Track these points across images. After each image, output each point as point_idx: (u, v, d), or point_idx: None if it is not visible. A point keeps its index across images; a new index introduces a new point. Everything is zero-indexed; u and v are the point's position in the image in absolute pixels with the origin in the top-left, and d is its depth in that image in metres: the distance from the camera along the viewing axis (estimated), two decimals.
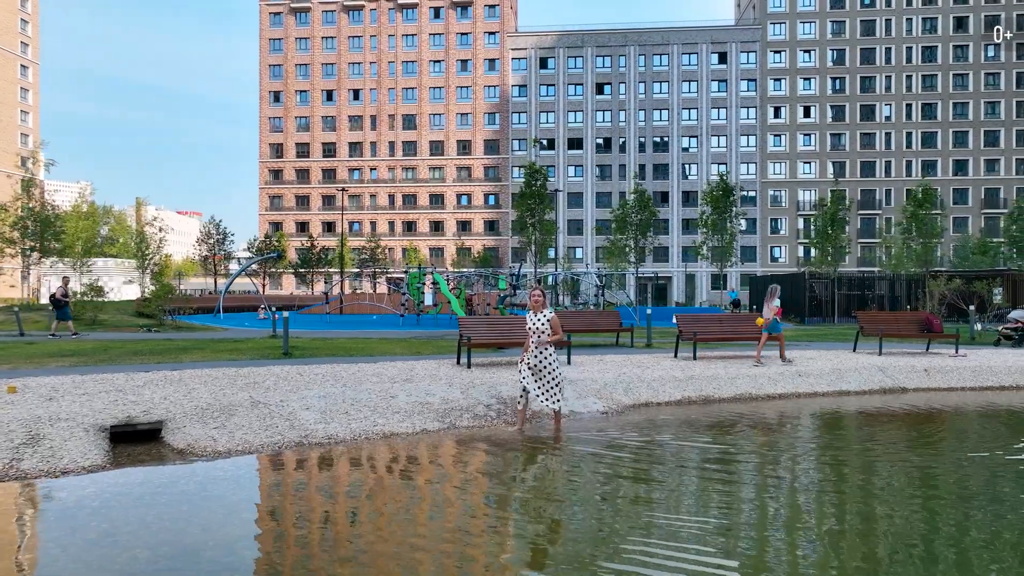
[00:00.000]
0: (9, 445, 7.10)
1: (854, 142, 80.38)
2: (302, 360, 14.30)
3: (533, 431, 8.97)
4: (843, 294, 36.04)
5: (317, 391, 9.89)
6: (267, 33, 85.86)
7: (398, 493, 6.45)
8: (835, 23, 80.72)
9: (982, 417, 10.59)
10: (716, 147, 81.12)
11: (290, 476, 7.02)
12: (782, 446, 8.56)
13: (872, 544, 5.04)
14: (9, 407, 8.41)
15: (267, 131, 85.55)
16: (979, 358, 15.06)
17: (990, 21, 79.63)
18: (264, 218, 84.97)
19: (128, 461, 7.38)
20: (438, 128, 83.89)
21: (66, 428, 7.65)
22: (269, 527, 5.51)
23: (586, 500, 6.18)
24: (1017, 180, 78.96)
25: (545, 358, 8.77)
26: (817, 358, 14.94)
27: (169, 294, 27.57)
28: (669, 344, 18.63)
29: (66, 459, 6.99)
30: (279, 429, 8.33)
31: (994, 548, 5.01)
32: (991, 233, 76.33)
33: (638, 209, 45.16)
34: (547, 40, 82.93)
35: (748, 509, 5.94)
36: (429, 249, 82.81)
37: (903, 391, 12.56)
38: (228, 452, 7.66)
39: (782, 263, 79.70)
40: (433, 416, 9.21)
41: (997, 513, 5.77)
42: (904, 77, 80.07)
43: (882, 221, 79.21)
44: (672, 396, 11.15)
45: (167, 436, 8.13)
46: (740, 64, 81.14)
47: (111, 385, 10.26)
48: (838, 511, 5.91)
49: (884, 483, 6.79)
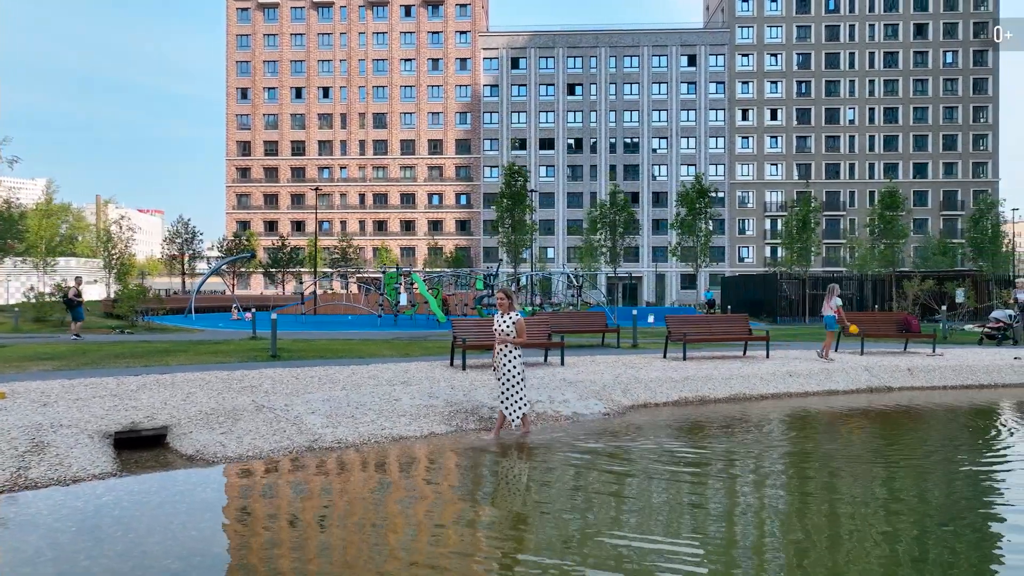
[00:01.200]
0: (14, 453, 6.90)
1: (819, 145, 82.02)
2: (292, 362, 14.14)
3: (539, 434, 8.99)
4: (813, 294, 36.78)
5: (319, 395, 9.80)
6: (234, 29, 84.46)
7: (424, 499, 6.43)
8: (801, 28, 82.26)
9: (977, 415, 10.92)
10: (686, 148, 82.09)
11: (309, 481, 6.94)
12: (810, 450, 8.72)
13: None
14: (4, 414, 8.18)
15: (234, 128, 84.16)
16: (956, 358, 15.51)
17: (948, 29, 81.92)
18: (231, 217, 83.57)
19: (138, 468, 7.23)
20: (409, 127, 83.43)
21: (70, 435, 7.46)
22: (299, 534, 5.45)
23: (602, 504, 6.24)
24: (974, 183, 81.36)
25: (509, 361, 8.48)
26: (801, 358, 15.25)
27: (142, 295, 26.95)
28: (654, 344, 18.84)
29: (75, 467, 6.83)
30: (287, 434, 8.24)
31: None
32: (950, 234, 78.61)
33: (616, 210, 45.46)
34: (519, 40, 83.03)
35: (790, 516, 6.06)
36: (400, 249, 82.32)
37: (889, 390, 12.89)
38: (239, 457, 7.55)
39: (749, 263, 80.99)
40: (439, 419, 9.19)
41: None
42: (867, 82, 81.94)
43: (846, 222, 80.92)
44: (669, 397, 11.29)
45: (173, 442, 7.99)
46: (709, 67, 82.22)
47: (103, 390, 10.03)
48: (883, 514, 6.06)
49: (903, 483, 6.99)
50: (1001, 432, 9.59)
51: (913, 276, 24.67)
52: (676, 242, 46.29)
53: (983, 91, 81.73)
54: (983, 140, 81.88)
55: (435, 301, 31.20)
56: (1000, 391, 13.00)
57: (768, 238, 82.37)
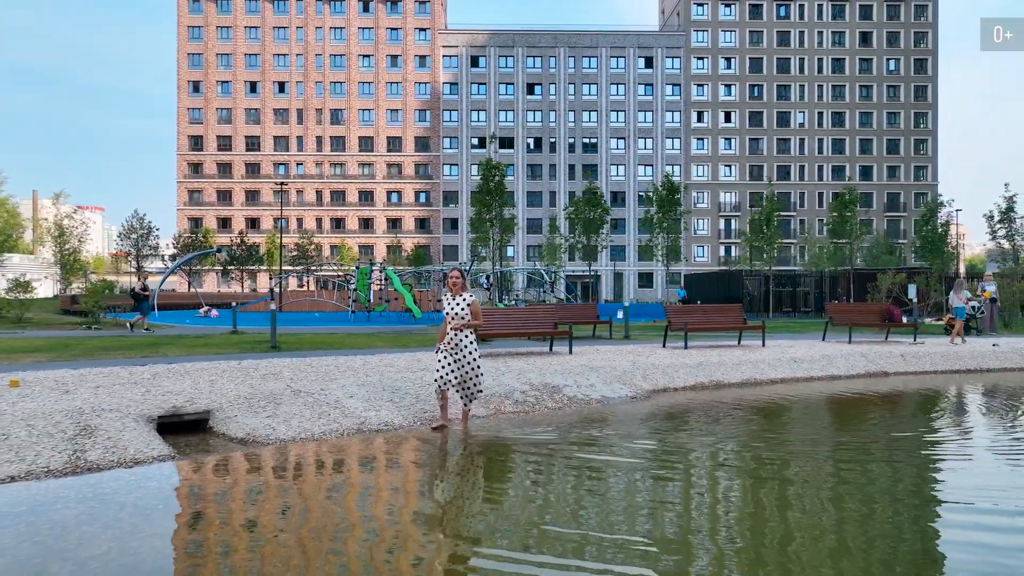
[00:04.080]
0: (63, 436, 6.65)
1: (771, 147, 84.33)
2: (294, 353, 13.89)
3: (556, 416, 9.07)
4: (778, 291, 37.85)
5: (349, 380, 9.69)
6: (185, 20, 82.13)
7: (508, 474, 6.44)
8: (753, 33, 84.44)
9: (985, 395, 11.45)
10: (643, 149, 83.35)
11: (383, 457, 6.85)
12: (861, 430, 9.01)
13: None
14: (29, 400, 7.85)
15: (186, 122, 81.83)
16: (938, 345, 16.22)
17: (891, 37, 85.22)
18: (183, 213, 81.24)
19: (192, 451, 7.05)
20: (367, 124, 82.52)
21: (115, 419, 7.22)
22: (423, 502, 5.40)
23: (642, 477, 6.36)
24: (915, 186, 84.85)
25: (465, 347, 7.96)
26: (795, 346, 15.72)
27: (109, 290, 26.02)
28: (644, 336, 19.14)
29: (131, 450, 6.62)
30: (333, 417, 8.13)
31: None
32: (894, 235, 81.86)
33: (591, 207, 45.96)
34: (479, 39, 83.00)
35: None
36: (359, 247, 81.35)
37: (885, 375, 13.41)
38: (292, 439, 7.42)
39: (703, 262, 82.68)
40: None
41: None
42: (816, 87, 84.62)
43: (796, 222, 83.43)
44: (687, 382, 11.52)
45: (217, 426, 7.81)
46: (665, 69, 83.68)
47: (117, 379, 9.69)
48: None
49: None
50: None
51: (887, 271, 25.67)
52: (649, 239, 47.12)
53: (923, 98, 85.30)
54: (923, 145, 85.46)
55: (410, 297, 30.99)
56: (989, 375, 13.65)
57: (723, 238, 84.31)
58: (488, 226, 43.22)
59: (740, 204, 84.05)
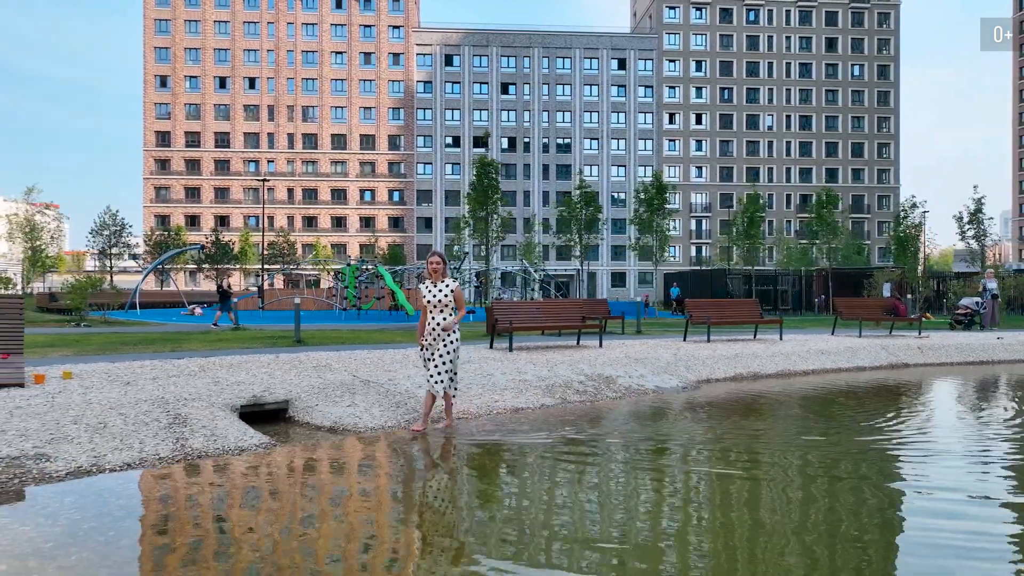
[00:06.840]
0: (159, 425, 6.50)
1: (740, 149, 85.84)
2: (321, 347, 13.72)
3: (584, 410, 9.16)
4: (760, 290, 38.56)
5: (410, 371, 9.63)
6: (152, 13, 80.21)
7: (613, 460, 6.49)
8: (724, 37, 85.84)
9: (1010, 385, 11.88)
10: (616, 150, 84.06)
11: (487, 441, 6.83)
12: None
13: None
14: (95, 392, 7.64)
15: (152, 118, 79.91)
16: (947, 339, 16.75)
17: (856, 44, 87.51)
18: (149, 211, 79.27)
19: (286, 439, 6.96)
20: (340, 121, 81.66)
21: (203, 408, 7.09)
22: (549, 476, 5.41)
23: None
24: (879, 188, 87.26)
25: (450, 342, 7.30)
26: (810, 340, 16.07)
27: (94, 287, 25.33)
28: (655, 332, 19.36)
29: (230, 438, 6.50)
30: (410, 406, 8.10)
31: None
32: (859, 236, 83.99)
33: (583, 205, 46.22)
34: (453, 37, 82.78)
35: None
36: (332, 245, 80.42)
37: (906, 366, 13.82)
38: (380, 427, 7.38)
39: (675, 262, 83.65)
40: (543, 392, 9.23)
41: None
42: (784, 90, 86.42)
43: (765, 223, 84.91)
44: (727, 373, 11.73)
45: (298, 415, 7.73)
46: (638, 71, 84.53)
47: (163, 372, 9.47)
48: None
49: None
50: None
51: (884, 269, 26.39)
52: (636, 239, 47.58)
53: (886, 103, 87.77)
54: (886, 148, 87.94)
55: (402, 294, 30.85)
56: (1001, 367, 14.15)
57: (694, 238, 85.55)
58: (485, 224, 43.07)
59: (711, 205, 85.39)
